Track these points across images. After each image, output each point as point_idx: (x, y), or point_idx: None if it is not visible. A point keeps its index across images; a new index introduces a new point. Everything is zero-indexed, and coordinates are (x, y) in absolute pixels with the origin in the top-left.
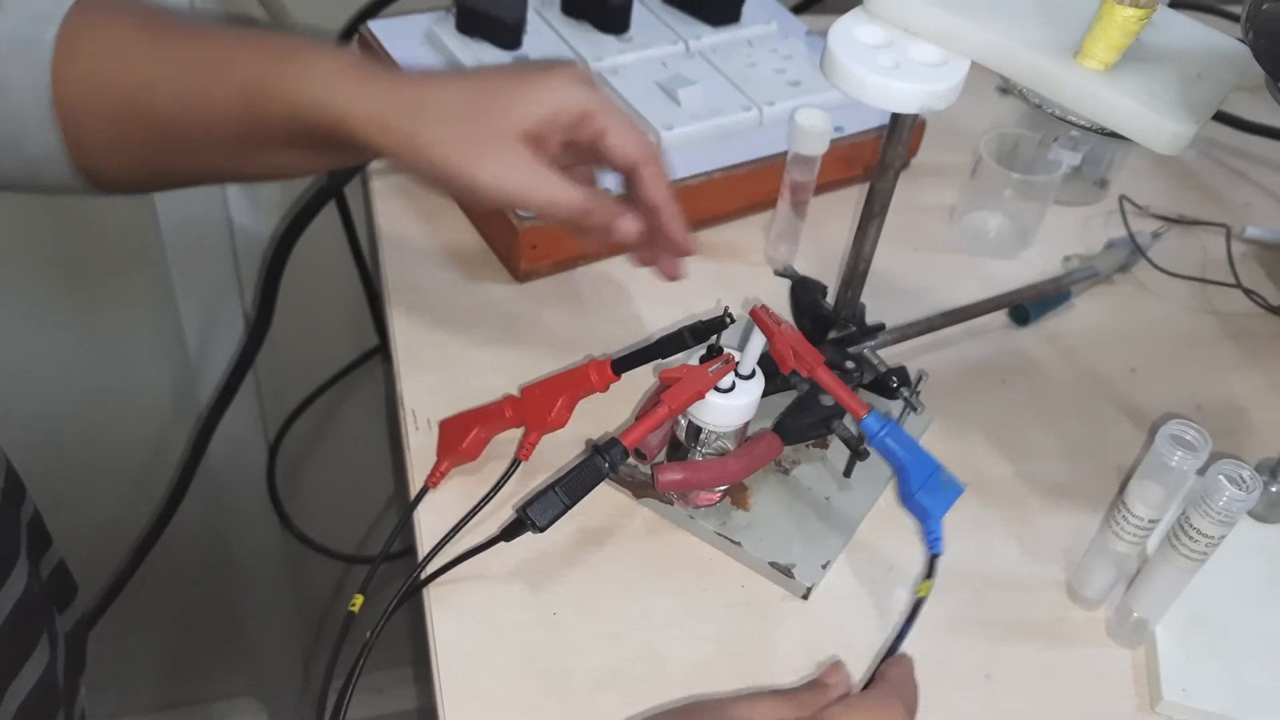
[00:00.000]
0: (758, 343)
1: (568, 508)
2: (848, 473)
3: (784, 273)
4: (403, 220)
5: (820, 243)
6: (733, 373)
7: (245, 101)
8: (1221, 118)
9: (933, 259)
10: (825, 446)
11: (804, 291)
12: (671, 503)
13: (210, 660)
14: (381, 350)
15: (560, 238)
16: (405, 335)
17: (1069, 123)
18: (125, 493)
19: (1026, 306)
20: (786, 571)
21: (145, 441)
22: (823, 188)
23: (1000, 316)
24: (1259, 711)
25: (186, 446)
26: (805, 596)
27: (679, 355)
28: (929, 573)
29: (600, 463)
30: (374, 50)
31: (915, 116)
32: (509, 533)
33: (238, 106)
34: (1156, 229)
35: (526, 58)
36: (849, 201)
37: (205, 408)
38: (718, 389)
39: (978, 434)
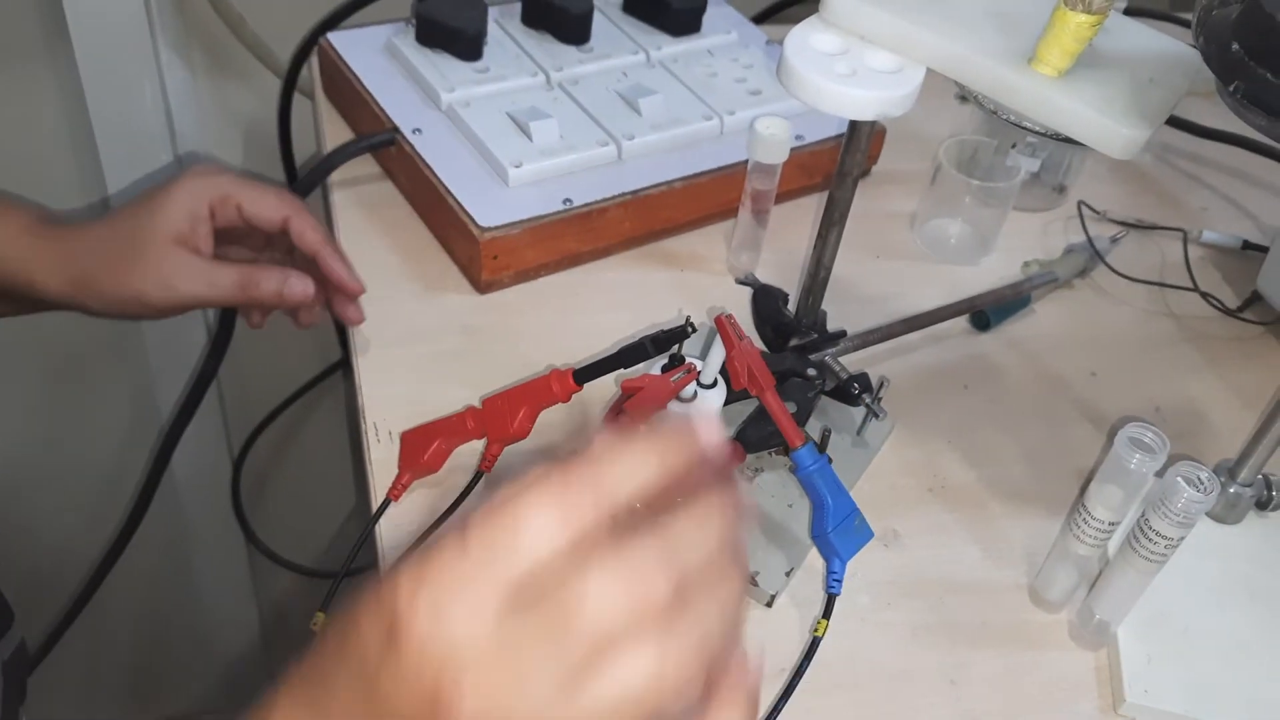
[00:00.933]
0: (720, 352)
1: None
2: None
3: (745, 281)
4: (364, 232)
5: (781, 251)
6: (694, 382)
7: None
8: (1176, 123)
9: (894, 266)
10: (788, 454)
11: (765, 300)
12: None
13: (175, 677)
14: (345, 364)
15: (521, 249)
16: (366, 347)
17: (1024, 128)
18: (85, 511)
19: (987, 312)
20: (751, 579)
21: (105, 459)
22: (783, 196)
23: (961, 323)
24: (1220, 711)
25: (148, 461)
26: (769, 604)
27: (641, 365)
28: (826, 612)
29: None
30: (334, 62)
31: (873, 124)
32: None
33: None
34: (1114, 234)
35: (487, 70)
36: (810, 209)
37: (167, 422)
38: (680, 398)
39: (939, 439)
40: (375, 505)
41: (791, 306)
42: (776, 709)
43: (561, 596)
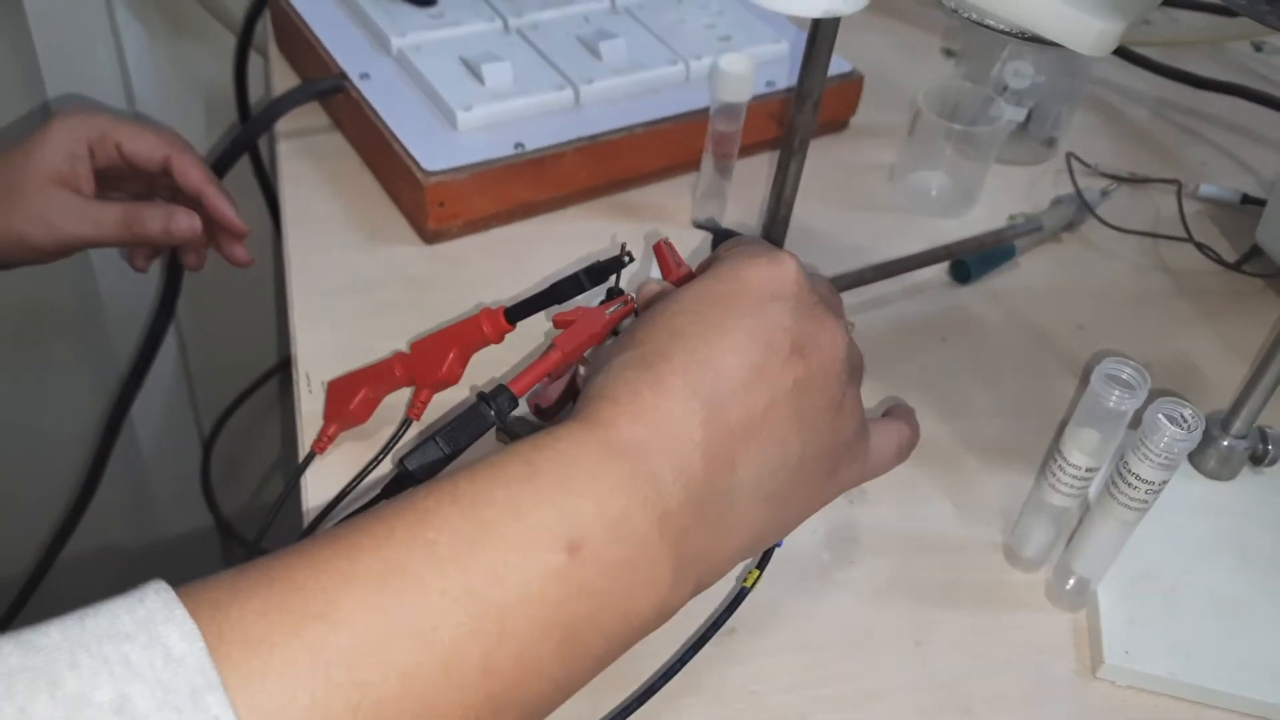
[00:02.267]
0: (658, 278)
1: (449, 457)
2: None
3: (704, 224)
4: (309, 183)
5: (750, 203)
6: (633, 315)
7: None
8: (1175, 75)
9: (872, 219)
10: None
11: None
12: None
13: None
14: None
15: (470, 196)
16: (303, 297)
17: (987, 27)
18: (39, 486)
19: (968, 263)
20: None
21: (60, 427)
22: (754, 148)
23: (941, 275)
24: (1206, 674)
25: (100, 426)
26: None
27: (579, 300)
28: (760, 562)
29: (485, 410)
30: (286, 13)
31: (834, 31)
32: (391, 488)
33: None
34: (1105, 186)
35: (442, 15)
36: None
37: (117, 388)
38: (617, 333)
39: (913, 393)
40: (300, 458)
41: None
42: (683, 659)
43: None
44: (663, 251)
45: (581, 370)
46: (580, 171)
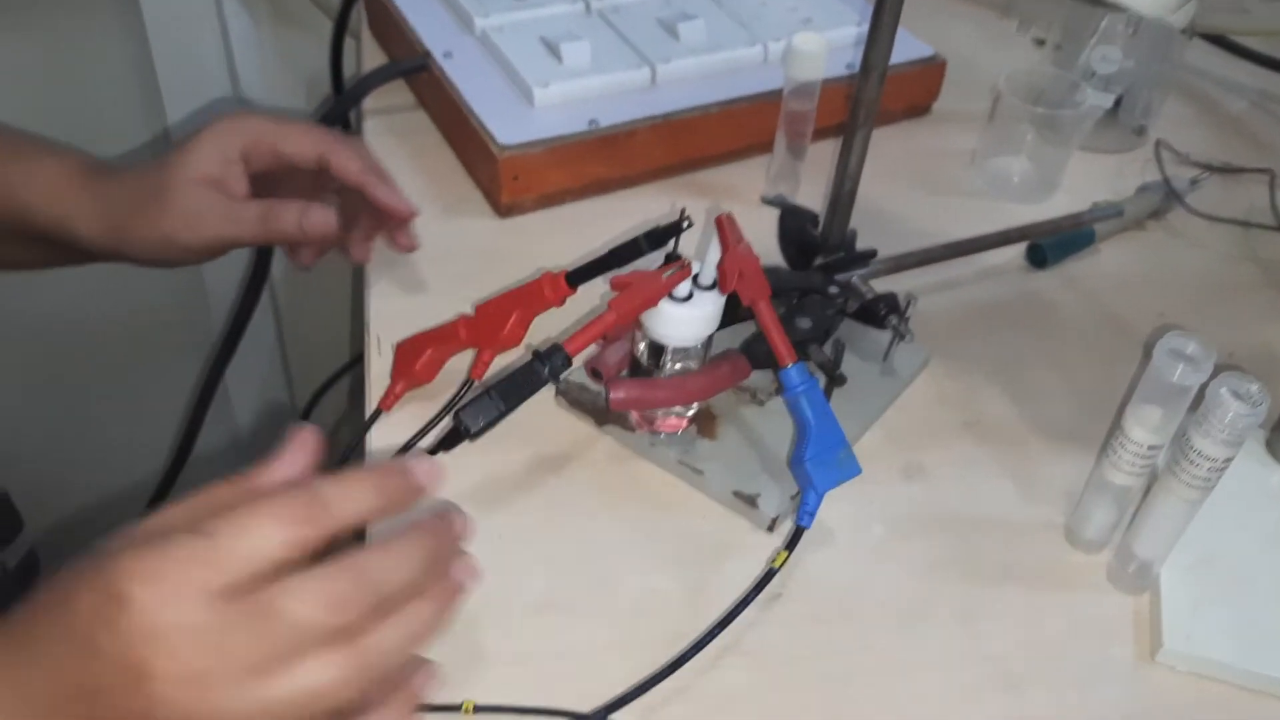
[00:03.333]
0: (715, 251)
1: (503, 414)
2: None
3: (772, 201)
4: (390, 157)
5: (823, 186)
6: (690, 281)
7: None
8: (1274, 64)
9: (951, 203)
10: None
11: (792, 219)
12: (633, 430)
13: None
14: None
15: (543, 170)
16: (380, 266)
17: None
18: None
19: (1044, 247)
20: (750, 501)
21: (158, 385)
22: (829, 132)
23: (1017, 259)
24: (1270, 661)
25: (195, 391)
26: (770, 529)
27: (637, 265)
28: (790, 545)
29: (539, 368)
30: None
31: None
32: (447, 442)
33: None
34: (1195, 175)
35: None
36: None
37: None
38: (673, 297)
39: (980, 374)
40: (367, 414)
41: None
42: (712, 633)
43: (269, 596)
44: (723, 225)
45: (641, 344)
46: (653, 149)
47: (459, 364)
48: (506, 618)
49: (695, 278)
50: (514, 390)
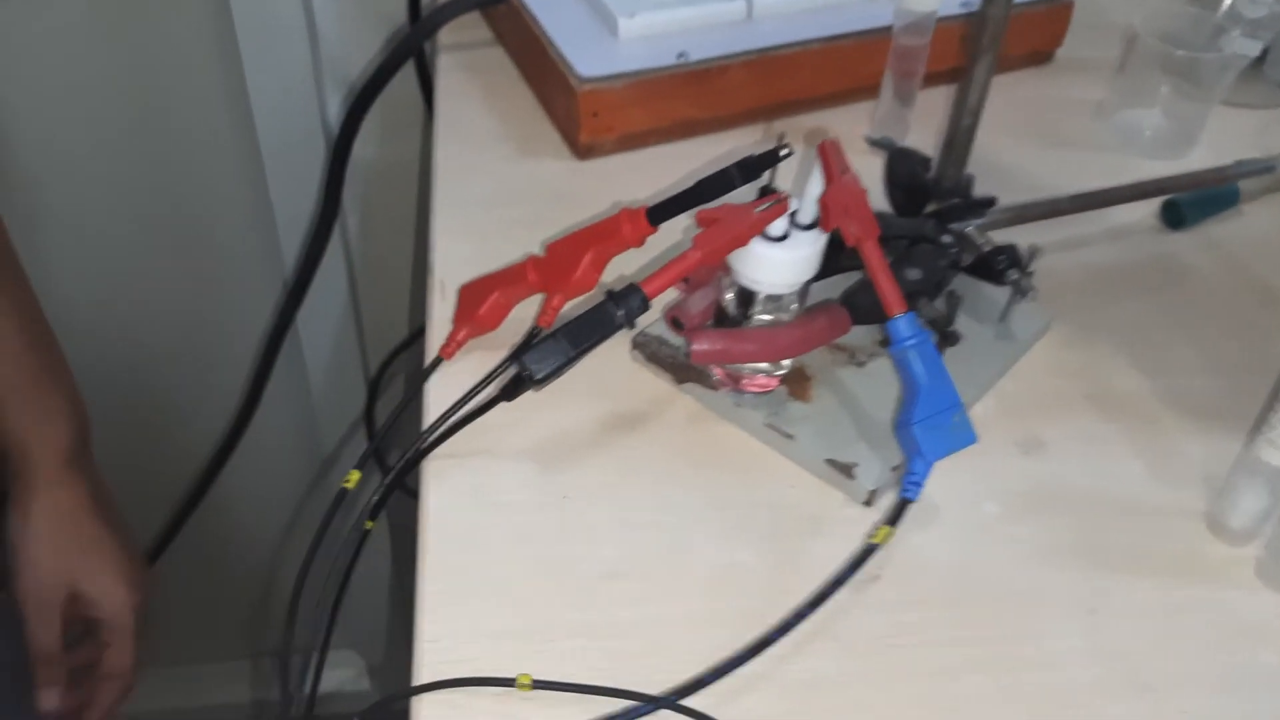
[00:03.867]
0: (816, 183)
1: (571, 359)
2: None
3: (880, 142)
4: (464, 94)
5: (932, 137)
6: (787, 218)
7: None
8: None
9: (1075, 157)
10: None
11: (901, 162)
12: (716, 388)
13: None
14: None
15: (626, 107)
16: (447, 207)
17: None
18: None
19: (1182, 205)
20: (846, 471)
21: (231, 328)
22: (940, 76)
23: (1149, 218)
24: None
25: (268, 327)
26: (868, 503)
27: (727, 199)
28: (893, 519)
29: (613, 310)
30: None
31: None
32: (509, 390)
33: None
34: None
35: None
36: (990, 94)
37: (291, 278)
38: (767, 236)
39: (1107, 343)
40: (427, 362)
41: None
42: (800, 615)
43: None
44: (827, 153)
45: (729, 293)
46: (746, 88)
47: (527, 311)
48: (571, 584)
49: (793, 215)
50: (584, 334)
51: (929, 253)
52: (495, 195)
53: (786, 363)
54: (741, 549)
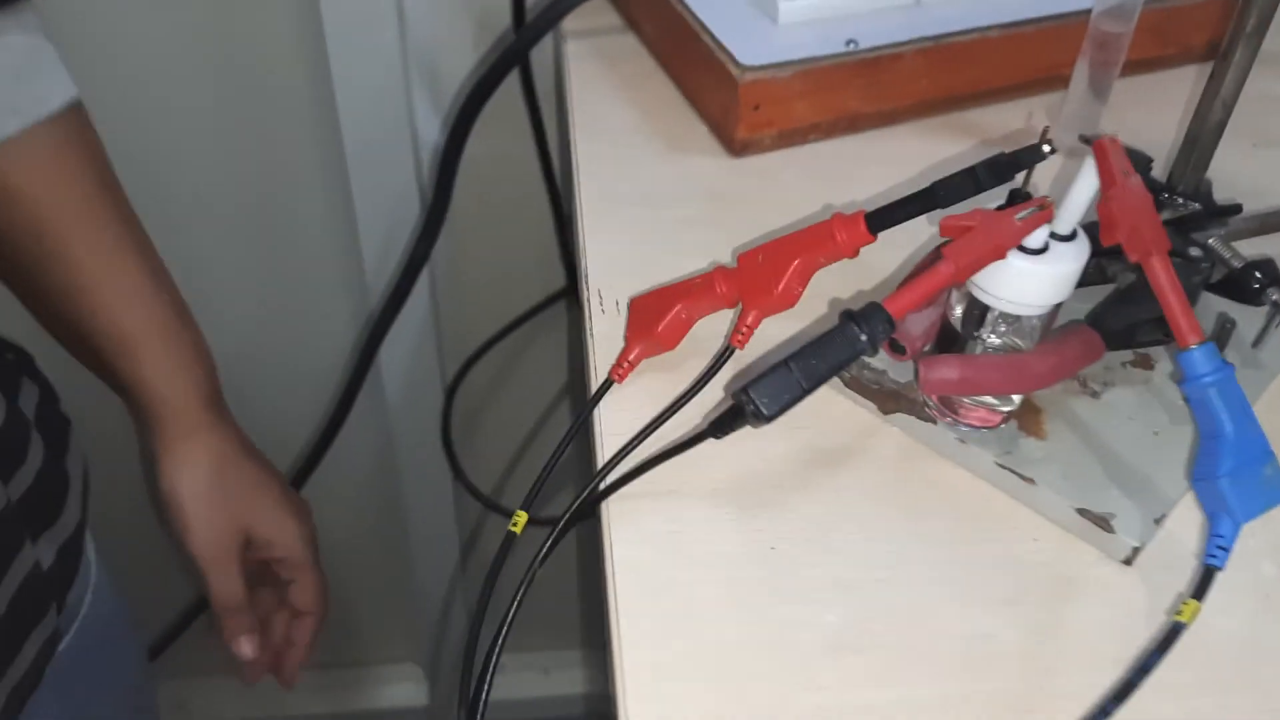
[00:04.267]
0: (1087, 188)
1: (805, 393)
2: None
3: (1091, 139)
4: (600, 85)
5: (1124, 132)
6: (1046, 228)
7: (109, 336)
8: None
9: None
10: (1150, 367)
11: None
12: (934, 421)
13: (368, 616)
14: (570, 292)
15: (790, 100)
16: (593, 208)
17: None
18: (290, 411)
19: None
20: (1102, 523)
21: (313, 354)
22: (1129, 68)
23: None
24: None
25: (355, 352)
26: (1128, 561)
27: (953, 206)
28: (1198, 591)
29: (854, 333)
30: None
31: None
32: (722, 425)
33: (102, 335)
34: None
35: None
36: (1162, 88)
37: (376, 310)
38: (1023, 249)
39: None
40: (594, 386)
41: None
42: (1105, 711)
43: None
44: (1105, 151)
45: (956, 307)
46: (918, 80)
47: (699, 330)
48: (795, 659)
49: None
50: (820, 360)
51: (1177, 269)
52: (647, 196)
53: (1016, 395)
54: (987, 616)
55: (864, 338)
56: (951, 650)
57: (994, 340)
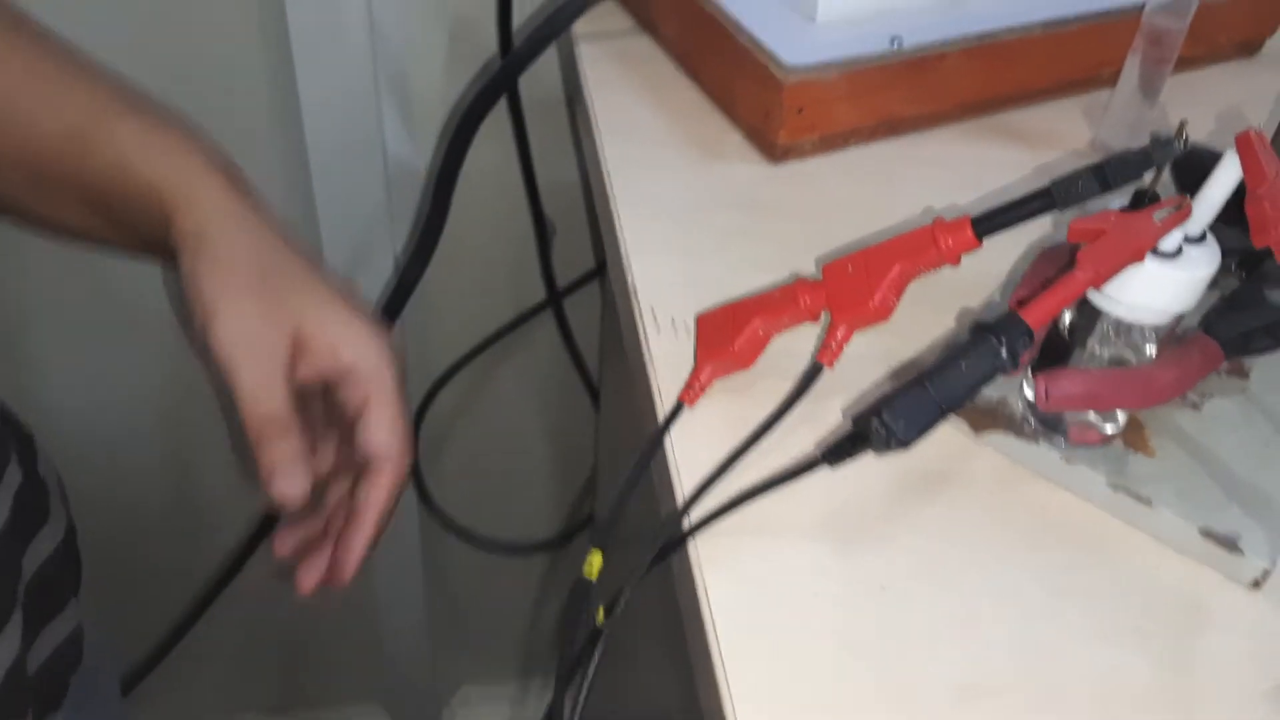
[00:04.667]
0: (1226, 184)
1: (943, 415)
2: None
3: (1159, 140)
4: (622, 89)
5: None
6: (1180, 229)
7: (69, 138)
8: None
9: None
10: (1245, 375)
11: (1195, 166)
12: (1036, 441)
13: (331, 654)
14: (550, 304)
15: (836, 103)
16: (633, 219)
17: None
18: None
19: None
20: (1228, 544)
21: None
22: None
23: None
24: None
25: None
26: (1257, 584)
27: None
28: None
29: (995, 347)
30: None
31: None
32: (839, 452)
33: (60, 137)
34: None
35: None
36: (1186, 89)
37: None
38: (1157, 252)
39: None
40: (660, 412)
41: None
42: None
43: None
44: (1251, 145)
45: (1064, 313)
46: (961, 80)
47: (773, 348)
48: (921, 708)
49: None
50: (959, 377)
51: None
52: (684, 206)
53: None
54: (1120, 651)
55: (1004, 352)
56: (1093, 689)
57: (1105, 352)
